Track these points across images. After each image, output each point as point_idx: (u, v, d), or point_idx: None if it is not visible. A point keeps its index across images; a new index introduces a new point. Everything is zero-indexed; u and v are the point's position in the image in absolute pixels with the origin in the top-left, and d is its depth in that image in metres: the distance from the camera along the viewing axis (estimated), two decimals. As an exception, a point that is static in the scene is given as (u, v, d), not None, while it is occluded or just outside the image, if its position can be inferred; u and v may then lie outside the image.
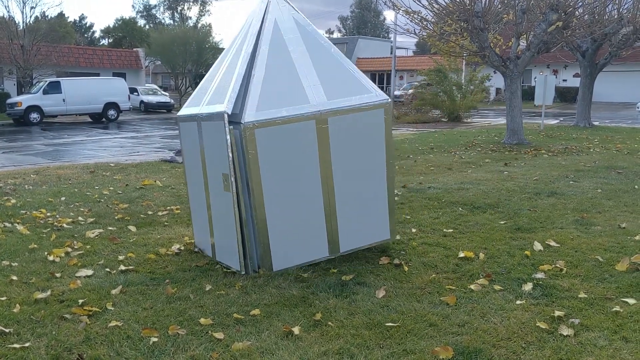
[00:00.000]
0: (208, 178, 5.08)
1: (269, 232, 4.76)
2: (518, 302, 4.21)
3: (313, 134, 4.79)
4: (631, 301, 4.17)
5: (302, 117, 4.72)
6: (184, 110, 5.42)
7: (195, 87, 41.57)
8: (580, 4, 14.78)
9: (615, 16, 18.19)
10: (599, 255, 5.24)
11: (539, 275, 4.74)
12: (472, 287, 4.49)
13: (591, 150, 13.56)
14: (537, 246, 5.53)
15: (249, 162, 4.61)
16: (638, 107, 30.02)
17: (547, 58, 29.88)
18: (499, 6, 15.17)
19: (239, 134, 4.64)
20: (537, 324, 3.81)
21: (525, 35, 14.84)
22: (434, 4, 14.74)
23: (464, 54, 16.97)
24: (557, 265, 4.95)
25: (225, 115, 4.55)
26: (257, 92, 4.70)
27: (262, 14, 5.15)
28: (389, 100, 5.13)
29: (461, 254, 5.28)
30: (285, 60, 4.94)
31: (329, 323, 3.87)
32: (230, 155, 4.58)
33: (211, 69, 5.54)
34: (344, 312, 4.05)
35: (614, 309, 4.03)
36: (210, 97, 5.06)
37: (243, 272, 4.80)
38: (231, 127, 4.60)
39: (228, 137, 4.55)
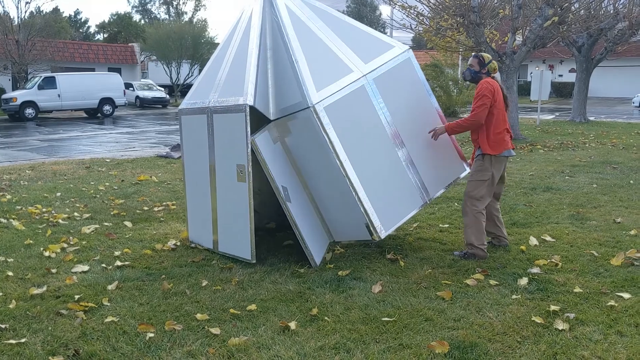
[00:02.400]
0: (217, 171, 5.11)
1: (368, 198, 4.80)
2: (514, 296, 4.22)
3: (366, 96, 4.99)
4: (626, 295, 4.19)
5: (354, 86, 4.94)
6: (187, 104, 5.40)
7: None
8: (576, -1, 14.80)
9: (611, 11, 18.22)
10: (594, 250, 5.25)
11: (535, 270, 4.75)
12: (467, 282, 4.50)
13: (587, 145, 13.59)
14: (533, 241, 5.55)
15: (327, 140, 4.67)
16: (634, 102, 30.11)
17: (543, 53, 29.91)
18: (495, 1, 15.17)
19: (306, 117, 4.70)
20: (532, 319, 3.82)
21: (521, 31, 14.86)
22: (430, -1, 14.74)
23: (460, 49, 16.97)
24: (553, 260, 4.97)
25: (247, 107, 4.65)
26: (308, 74, 4.79)
27: (267, 4, 5.20)
28: (409, 48, 5.43)
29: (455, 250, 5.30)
30: (313, 38, 5.08)
31: (326, 318, 3.87)
32: (248, 146, 4.68)
33: (210, 63, 5.50)
34: (341, 307, 4.05)
35: (609, 303, 4.05)
36: (221, 90, 5.07)
37: (254, 261, 4.89)
38: (290, 114, 4.78)
39: (248, 128, 4.66)
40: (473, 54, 5.32)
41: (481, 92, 5.00)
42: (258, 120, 5.07)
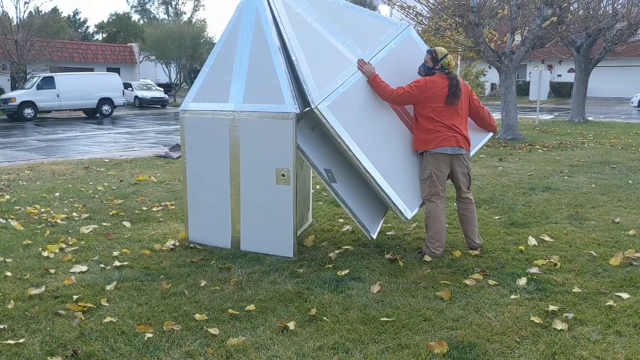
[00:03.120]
0: (242, 174, 5.20)
1: (388, 183, 4.94)
2: (512, 296, 4.22)
3: (367, 87, 5.12)
4: (624, 295, 4.19)
5: (356, 77, 5.06)
6: (197, 105, 5.37)
7: (190, 82, 41.19)
8: (574, -1, 14.81)
9: (610, 11, 18.22)
10: (593, 250, 5.26)
11: (533, 270, 4.75)
12: (466, 282, 4.50)
13: (585, 145, 13.60)
14: (532, 241, 5.55)
15: (337, 136, 4.79)
16: (632, 102, 30.13)
17: (541, 53, 29.94)
18: (494, 1, 15.18)
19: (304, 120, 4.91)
20: (531, 319, 3.82)
21: (520, 31, 14.87)
22: (429, -1, 14.74)
23: (459, 49, 16.97)
24: (552, 260, 4.97)
25: (294, 115, 4.86)
26: (309, 73, 4.88)
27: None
28: (408, 25, 5.52)
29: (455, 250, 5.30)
30: (311, 33, 5.14)
31: (324, 318, 3.87)
32: (293, 151, 4.88)
33: (214, 63, 5.40)
34: (339, 307, 4.05)
35: (608, 303, 4.05)
36: (245, 94, 5.13)
37: (295, 258, 5.11)
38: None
39: (294, 134, 4.89)
40: (427, 49, 5.29)
41: (414, 83, 5.05)
42: None
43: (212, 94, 5.32)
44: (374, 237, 5.16)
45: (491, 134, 5.68)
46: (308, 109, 4.92)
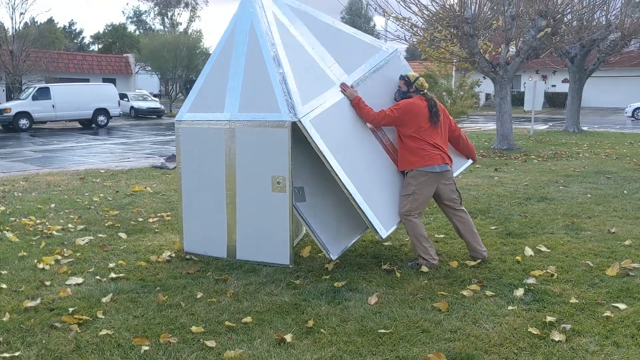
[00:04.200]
0: (238, 183, 5.21)
1: (368, 203, 4.97)
2: (510, 307, 4.22)
3: (349, 108, 5.19)
4: (622, 306, 4.19)
5: (337, 97, 5.13)
6: (193, 115, 5.39)
7: (186, 92, 41.18)
8: (568, 10, 14.92)
9: (603, 22, 18.35)
10: (590, 260, 5.26)
11: (531, 280, 4.75)
12: (464, 292, 4.50)
13: (580, 155, 13.66)
14: (528, 251, 5.55)
15: (318, 150, 4.82)
16: (626, 112, 30.29)
17: (536, 64, 30.13)
18: (489, 12, 15.26)
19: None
20: (529, 330, 3.82)
21: (514, 42, 14.95)
22: (424, 11, 14.82)
23: (454, 60, 17.06)
24: (548, 271, 4.97)
25: (290, 123, 4.86)
26: (295, 88, 4.94)
27: (260, 11, 5.24)
28: (396, 49, 5.53)
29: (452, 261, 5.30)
30: (298, 48, 5.18)
31: (322, 330, 3.86)
32: (289, 159, 4.92)
33: (209, 73, 5.44)
34: (337, 319, 4.04)
35: (605, 314, 4.05)
36: (241, 104, 5.16)
37: (292, 265, 5.13)
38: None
39: (290, 142, 4.91)
40: (400, 75, 5.36)
41: (395, 106, 5.14)
42: None
43: (207, 104, 5.35)
44: (334, 258, 5.13)
45: (470, 161, 5.72)
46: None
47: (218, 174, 5.29)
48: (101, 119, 27.55)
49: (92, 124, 27.49)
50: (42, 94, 26.30)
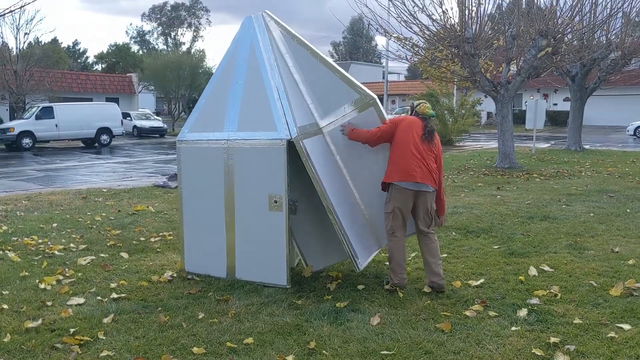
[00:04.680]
0: (236, 202, 5.22)
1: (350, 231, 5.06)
2: (513, 328, 4.19)
3: (325, 144, 5.15)
4: (626, 327, 4.16)
5: (312, 129, 5.09)
6: (194, 135, 5.45)
7: (189, 111, 41.49)
8: (569, 30, 15.01)
9: (604, 41, 18.46)
10: (593, 280, 5.23)
11: (534, 300, 4.73)
12: (467, 313, 4.47)
13: (582, 173, 13.65)
14: (532, 271, 5.52)
15: (311, 168, 4.84)
16: (628, 131, 30.32)
17: (537, 82, 30.22)
18: (490, 32, 15.35)
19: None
20: (532, 351, 3.79)
21: (515, 61, 15.02)
22: (425, 31, 14.92)
23: (455, 79, 17.12)
24: (552, 291, 4.94)
25: (286, 142, 4.88)
26: (291, 109, 4.98)
27: (263, 32, 5.28)
28: (372, 98, 5.30)
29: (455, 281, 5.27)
30: (290, 79, 5.19)
31: (324, 351, 3.83)
32: (285, 178, 4.92)
33: (210, 95, 5.50)
34: (339, 340, 4.01)
35: (609, 334, 4.02)
36: (239, 123, 5.19)
37: (289, 286, 5.08)
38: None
39: (286, 160, 4.91)
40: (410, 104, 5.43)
41: (389, 120, 5.20)
42: None
43: (208, 124, 5.40)
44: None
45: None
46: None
47: (217, 193, 5.31)
48: (104, 138, 27.65)
49: (95, 143, 27.57)
50: (46, 113, 26.42)
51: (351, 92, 5.27)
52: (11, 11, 21.54)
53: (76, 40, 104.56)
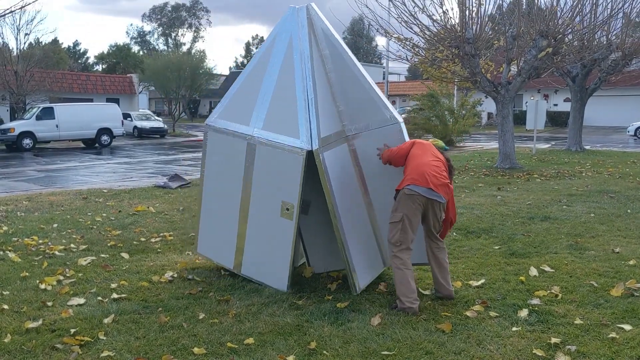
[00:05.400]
0: (251, 199, 5.16)
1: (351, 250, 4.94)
2: (514, 328, 4.19)
3: (346, 154, 5.10)
4: (627, 327, 4.16)
5: (337, 138, 5.02)
6: (221, 122, 5.36)
7: (189, 112, 41.21)
8: (569, 30, 15.00)
9: (604, 42, 18.45)
10: (594, 281, 5.23)
11: (535, 301, 4.72)
12: (467, 313, 4.47)
13: (583, 174, 13.64)
14: (532, 271, 5.52)
15: (326, 183, 4.77)
16: (628, 131, 30.31)
17: (537, 83, 30.20)
18: (490, 33, 15.36)
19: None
20: (533, 351, 3.78)
21: (515, 61, 15.02)
22: (425, 31, 14.92)
23: (456, 80, 17.12)
24: (552, 291, 4.94)
25: (306, 152, 4.76)
26: (317, 119, 4.82)
27: (304, 27, 5.09)
28: (398, 122, 5.38)
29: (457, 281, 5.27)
30: (324, 84, 5.06)
31: (324, 352, 3.83)
32: (300, 188, 4.81)
33: (245, 81, 5.37)
34: (339, 341, 4.01)
35: (610, 335, 4.02)
36: (265, 121, 5.08)
37: (288, 291, 5.02)
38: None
39: (303, 170, 4.80)
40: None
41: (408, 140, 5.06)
42: None
43: (236, 114, 5.30)
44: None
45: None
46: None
47: (235, 186, 5.25)
48: (104, 138, 27.65)
49: (96, 144, 27.58)
50: (46, 113, 26.43)
51: (380, 110, 5.26)
52: (12, 11, 21.49)
53: (77, 40, 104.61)
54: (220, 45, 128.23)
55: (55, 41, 62.78)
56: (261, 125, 5.09)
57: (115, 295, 4.99)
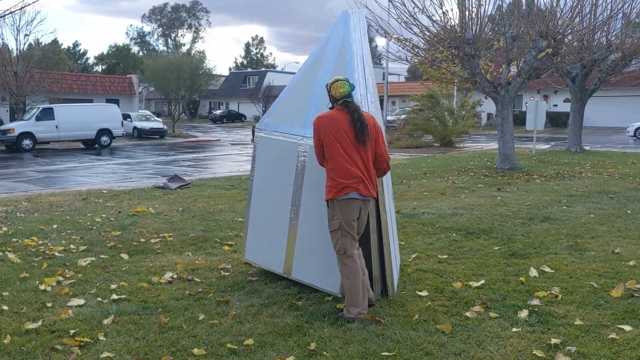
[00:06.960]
0: (302, 200, 5.09)
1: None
2: (514, 329, 4.18)
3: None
4: (627, 328, 4.16)
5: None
6: (272, 125, 5.37)
7: (189, 113, 41.30)
8: (569, 31, 15.01)
9: (604, 43, 18.46)
10: (594, 281, 5.23)
11: (535, 302, 4.72)
12: (467, 314, 4.46)
13: (583, 175, 13.64)
14: (532, 272, 5.52)
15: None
16: (628, 132, 30.33)
17: (537, 84, 30.23)
18: (490, 33, 15.37)
19: None
20: (533, 352, 3.78)
21: (515, 62, 15.03)
22: (425, 32, 14.93)
23: (455, 80, 17.13)
24: (552, 292, 4.94)
25: None
26: None
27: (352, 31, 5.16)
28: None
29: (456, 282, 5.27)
30: (366, 91, 5.07)
31: (324, 353, 3.82)
32: None
33: (295, 85, 5.41)
34: (339, 342, 4.00)
35: (610, 336, 4.01)
36: None
37: (340, 295, 4.83)
38: None
39: None
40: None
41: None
42: None
43: (287, 116, 5.30)
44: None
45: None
46: None
47: (286, 189, 5.19)
48: (104, 139, 27.66)
49: (95, 145, 27.59)
50: (46, 114, 26.44)
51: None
52: (11, 12, 21.50)
53: (76, 41, 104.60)
54: (219, 45, 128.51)
55: (55, 42, 62.82)
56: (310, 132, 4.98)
57: (114, 296, 4.98)
